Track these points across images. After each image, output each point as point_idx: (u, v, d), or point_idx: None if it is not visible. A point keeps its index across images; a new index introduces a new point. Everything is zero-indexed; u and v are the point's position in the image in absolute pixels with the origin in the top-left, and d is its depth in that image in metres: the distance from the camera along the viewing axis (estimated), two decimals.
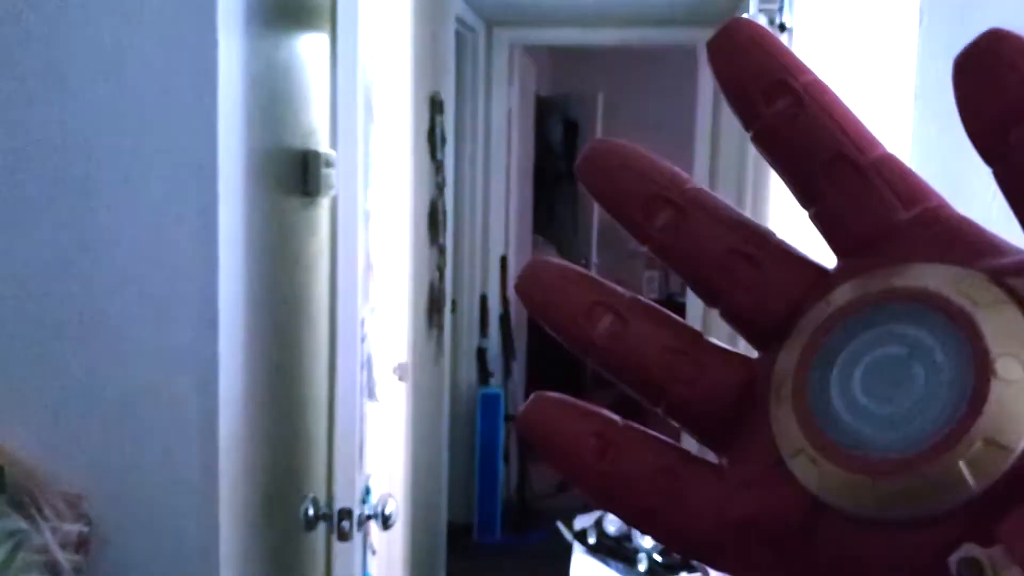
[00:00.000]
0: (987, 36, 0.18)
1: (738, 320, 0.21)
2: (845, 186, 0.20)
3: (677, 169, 0.21)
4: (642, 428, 0.21)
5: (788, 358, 0.19)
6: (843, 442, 0.18)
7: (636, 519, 0.20)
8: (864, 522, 0.18)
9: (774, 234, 0.21)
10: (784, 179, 0.20)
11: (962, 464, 0.17)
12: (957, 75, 0.18)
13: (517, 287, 0.21)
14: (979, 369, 0.17)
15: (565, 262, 0.21)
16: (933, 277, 0.18)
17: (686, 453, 0.20)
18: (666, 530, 0.20)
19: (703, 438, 0.21)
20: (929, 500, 0.17)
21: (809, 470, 0.18)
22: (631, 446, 0.20)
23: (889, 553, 0.17)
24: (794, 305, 0.20)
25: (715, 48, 0.20)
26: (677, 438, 0.21)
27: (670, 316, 0.21)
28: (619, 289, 0.21)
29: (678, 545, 0.20)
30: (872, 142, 0.20)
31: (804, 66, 0.20)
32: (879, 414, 0.18)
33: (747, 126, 0.20)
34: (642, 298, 0.21)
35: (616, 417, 0.21)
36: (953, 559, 0.17)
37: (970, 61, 0.18)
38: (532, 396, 0.21)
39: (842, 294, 0.19)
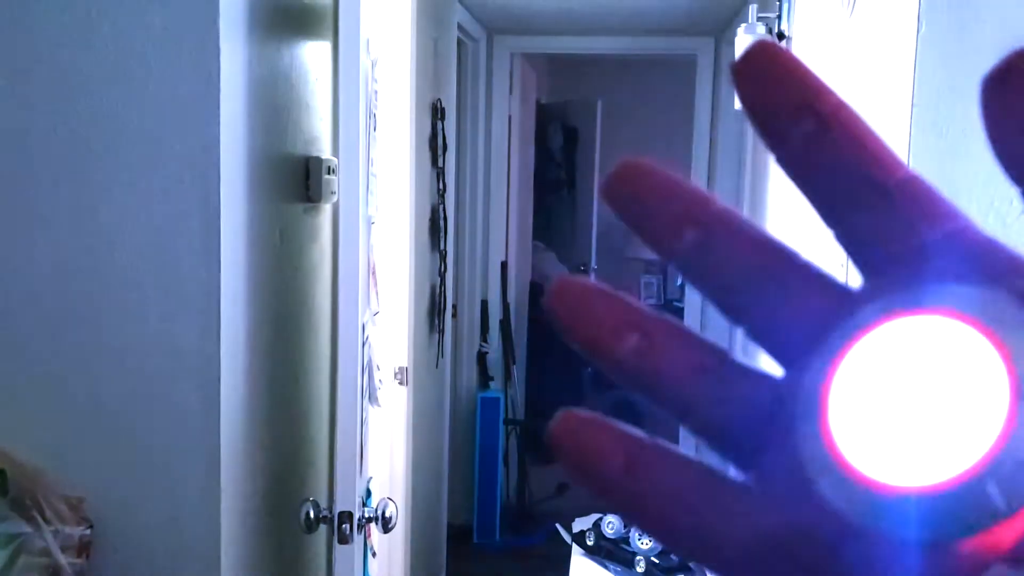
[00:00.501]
0: (1013, 56, 0.18)
1: (764, 339, 0.21)
2: (871, 207, 0.20)
3: (703, 189, 0.21)
4: (669, 445, 0.21)
5: (814, 378, 0.19)
6: (871, 463, 0.18)
7: (663, 536, 0.20)
8: (892, 543, 0.18)
9: (800, 255, 0.21)
10: (810, 200, 0.21)
11: (991, 486, 0.17)
12: (985, 95, 0.18)
13: (546, 305, 0.21)
14: (1007, 390, 0.17)
15: (594, 281, 0.21)
16: (959, 297, 0.18)
17: (712, 470, 0.20)
18: (692, 547, 0.20)
19: (729, 456, 0.21)
20: (958, 522, 0.17)
21: (836, 490, 0.18)
22: (658, 463, 0.20)
23: (918, 574, 0.18)
24: (820, 325, 0.20)
25: (740, 71, 0.20)
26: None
27: (696, 335, 0.21)
28: (646, 308, 0.21)
29: (704, 562, 0.20)
30: (897, 163, 0.20)
31: (829, 89, 0.20)
32: (907, 435, 0.18)
33: (772, 148, 0.20)
34: (669, 317, 0.21)
35: (643, 434, 0.21)
36: None
37: (996, 80, 0.18)
38: (559, 414, 0.21)
39: (868, 314, 0.19)
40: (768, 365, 0.22)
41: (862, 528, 0.18)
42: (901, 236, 0.20)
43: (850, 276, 0.21)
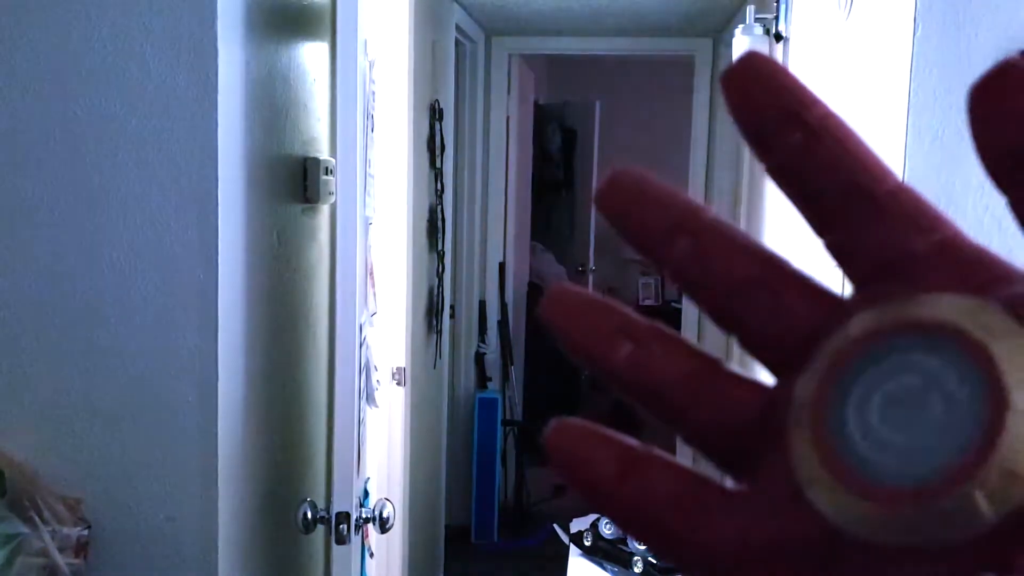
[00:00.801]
0: (1002, 65, 0.18)
1: (756, 348, 0.21)
2: (860, 216, 0.20)
3: (695, 198, 0.21)
4: (663, 454, 0.21)
5: (806, 387, 0.20)
6: (860, 471, 0.18)
7: (656, 544, 0.20)
8: (882, 552, 0.18)
9: (791, 263, 0.21)
10: (799, 210, 0.21)
11: (979, 495, 0.17)
12: (972, 104, 0.18)
13: (541, 313, 0.21)
14: (995, 400, 0.17)
15: (588, 290, 0.22)
16: (948, 307, 0.18)
17: (706, 479, 0.20)
18: (685, 555, 0.20)
19: (722, 464, 0.21)
20: (946, 530, 0.17)
21: (827, 498, 0.18)
22: (652, 472, 0.20)
23: None
24: (811, 334, 0.20)
25: (729, 82, 0.20)
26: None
27: (690, 343, 0.21)
28: (639, 317, 0.21)
29: (696, 570, 0.20)
30: (886, 172, 0.20)
31: (818, 99, 0.20)
32: (896, 444, 0.18)
33: (761, 158, 0.21)
34: (662, 325, 0.21)
35: (637, 443, 0.21)
36: None
37: (985, 90, 0.18)
38: (554, 422, 0.21)
39: (859, 324, 0.19)
40: (761, 374, 0.22)
41: (853, 535, 0.18)
42: (890, 246, 0.20)
43: (846, 281, 0.21)
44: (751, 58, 0.20)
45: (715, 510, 0.20)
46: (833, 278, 0.23)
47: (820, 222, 0.21)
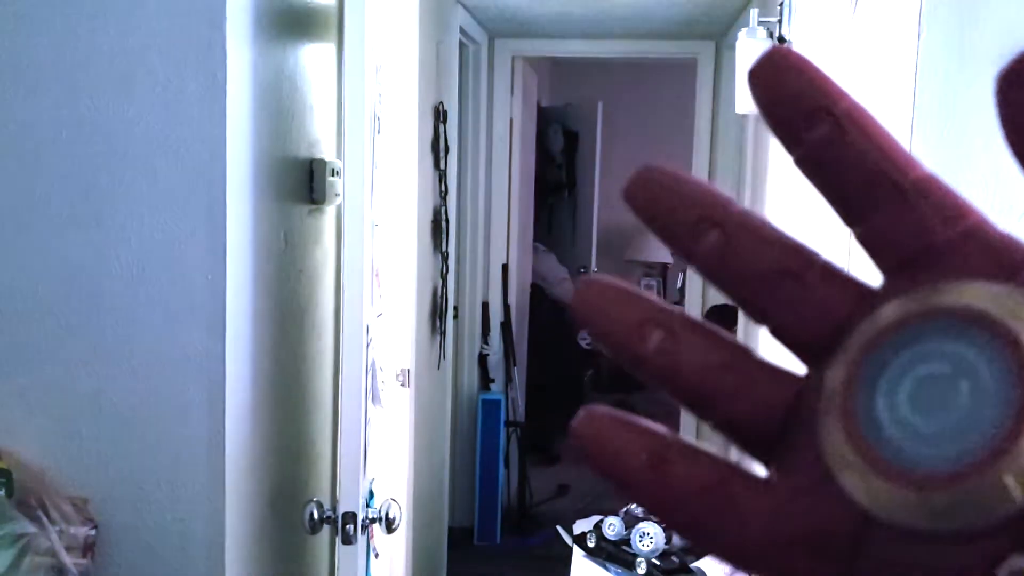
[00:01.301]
0: None
1: (786, 338, 0.21)
2: (888, 206, 0.20)
3: (722, 192, 0.21)
4: (692, 442, 0.21)
5: (835, 375, 0.20)
6: (891, 457, 0.18)
7: (686, 531, 0.21)
8: (912, 536, 0.18)
9: (819, 254, 0.21)
10: (828, 200, 0.21)
11: (1008, 479, 0.17)
12: (1000, 91, 0.19)
13: (572, 305, 0.22)
14: (1023, 385, 0.18)
15: (618, 280, 0.22)
16: (976, 294, 0.19)
17: (735, 466, 0.21)
18: (715, 543, 0.20)
19: (752, 451, 0.21)
20: (976, 514, 0.17)
21: (857, 484, 0.19)
22: (681, 460, 0.20)
23: (937, 566, 0.18)
24: (840, 323, 0.20)
25: (756, 76, 0.21)
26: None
27: (719, 332, 0.21)
28: (669, 306, 0.21)
29: (726, 557, 0.20)
30: (912, 163, 0.20)
31: (843, 91, 0.21)
32: (926, 430, 0.18)
33: (789, 150, 0.21)
34: (691, 314, 0.21)
35: (666, 431, 0.21)
36: (1001, 572, 0.17)
37: (1014, 77, 0.18)
38: (583, 410, 0.21)
39: (888, 312, 0.20)
40: (791, 363, 0.22)
41: (883, 521, 0.18)
42: (918, 235, 0.20)
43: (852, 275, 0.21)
44: (777, 52, 0.21)
45: (745, 498, 0.20)
46: (846, 269, 0.23)
47: (849, 213, 0.21)
